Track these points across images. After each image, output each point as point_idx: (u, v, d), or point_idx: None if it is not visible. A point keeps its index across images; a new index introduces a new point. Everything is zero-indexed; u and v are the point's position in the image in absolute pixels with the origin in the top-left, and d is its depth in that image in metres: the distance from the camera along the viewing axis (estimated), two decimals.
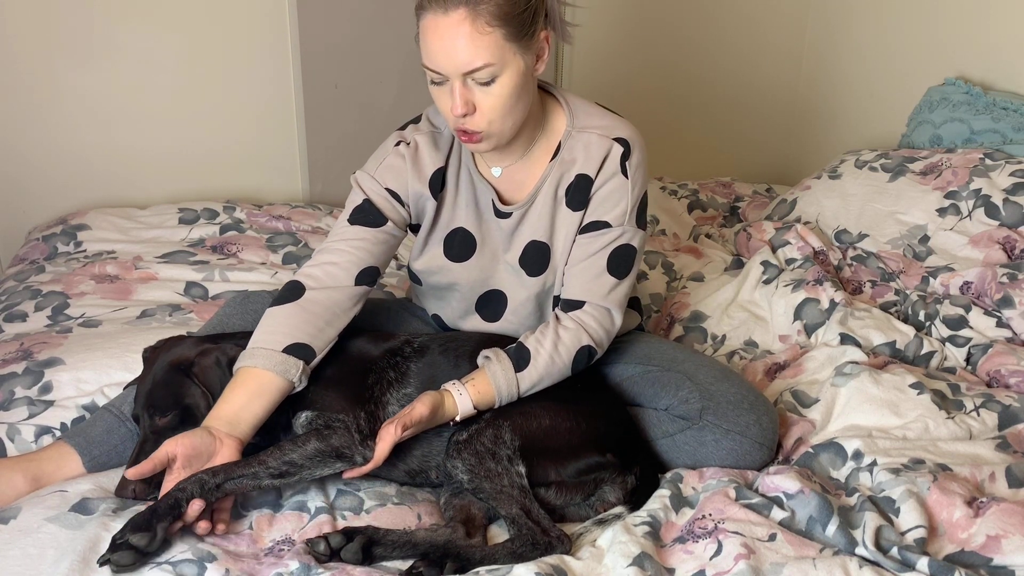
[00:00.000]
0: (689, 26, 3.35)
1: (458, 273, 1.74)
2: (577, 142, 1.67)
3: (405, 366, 1.66)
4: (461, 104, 1.51)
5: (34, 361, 1.84)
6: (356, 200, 1.69)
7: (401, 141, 1.70)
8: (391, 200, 1.68)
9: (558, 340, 1.62)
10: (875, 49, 3.09)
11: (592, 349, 1.65)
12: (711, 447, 1.61)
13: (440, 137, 1.71)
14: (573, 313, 1.66)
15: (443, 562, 1.39)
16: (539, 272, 1.72)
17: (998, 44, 2.62)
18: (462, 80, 1.50)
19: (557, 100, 1.71)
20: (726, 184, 3.02)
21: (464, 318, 1.80)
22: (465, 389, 1.55)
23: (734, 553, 1.35)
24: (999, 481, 1.51)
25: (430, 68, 1.52)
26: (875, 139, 3.02)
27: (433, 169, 1.69)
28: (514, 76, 1.52)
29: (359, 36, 2.84)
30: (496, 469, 1.48)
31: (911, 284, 2.20)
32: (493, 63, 1.49)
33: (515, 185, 1.71)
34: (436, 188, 1.70)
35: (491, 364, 1.58)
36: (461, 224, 1.72)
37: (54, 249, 2.45)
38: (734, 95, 3.47)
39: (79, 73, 2.59)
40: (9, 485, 1.54)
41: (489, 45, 1.47)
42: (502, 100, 1.52)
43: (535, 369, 1.59)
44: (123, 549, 1.31)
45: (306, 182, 2.91)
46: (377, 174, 1.69)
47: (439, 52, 1.49)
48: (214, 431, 1.46)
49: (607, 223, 1.67)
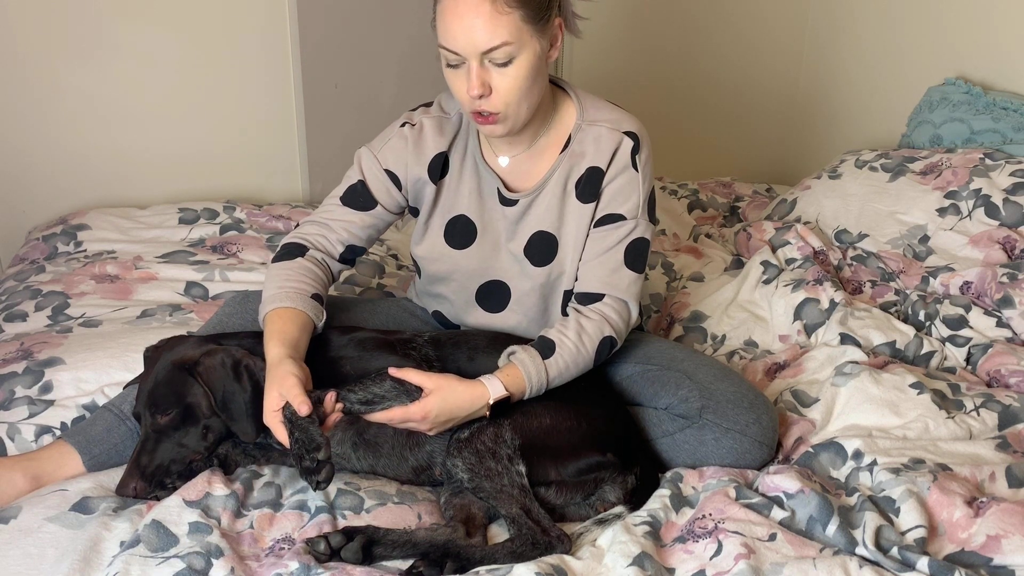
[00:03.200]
0: (689, 26, 3.36)
1: (457, 260, 1.75)
2: (587, 135, 1.69)
3: (424, 351, 1.66)
4: (478, 84, 1.52)
5: (34, 361, 1.84)
6: (352, 179, 1.74)
7: (407, 122, 1.72)
8: (387, 182, 1.72)
9: (581, 330, 1.63)
10: (875, 49, 3.09)
11: (614, 340, 1.67)
12: (711, 446, 1.61)
13: (447, 122, 1.72)
14: (593, 305, 1.68)
15: (443, 562, 1.39)
16: (544, 263, 1.73)
17: (998, 44, 2.62)
18: (479, 60, 1.51)
19: (566, 93, 1.72)
20: (726, 184, 3.02)
21: (466, 311, 1.80)
22: (496, 378, 1.56)
23: (734, 553, 1.35)
24: (999, 481, 1.51)
25: (448, 48, 1.53)
26: (875, 139, 3.02)
27: (434, 153, 1.70)
28: (530, 58, 1.53)
29: (359, 36, 2.84)
30: (496, 468, 1.48)
31: (911, 284, 2.20)
32: (511, 42, 1.50)
33: (522, 175, 1.72)
34: (436, 173, 1.71)
35: (518, 355, 1.59)
36: (463, 211, 1.73)
37: (54, 249, 2.45)
38: (734, 95, 3.47)
39: (80, 73, 2.59)
40: (9, 484, 1.54)
41: (508, 24, 1.49)
42: (518, 82, 1.54)
43: (561, 357, 1.60)
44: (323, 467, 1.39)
45: (306, 182, 2.91)
46: (380, 154, 1.72)
47: (458, 31, 1.50)
48: (294, 359, 1.51)
49: (622, 216, 1.68)
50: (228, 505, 1.48)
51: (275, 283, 1.64)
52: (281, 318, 1.58)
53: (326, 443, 1.40)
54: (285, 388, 1.44)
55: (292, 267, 1.67)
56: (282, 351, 1.51)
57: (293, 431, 1.42)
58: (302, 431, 1.41)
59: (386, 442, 1.60)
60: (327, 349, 1.64)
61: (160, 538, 1.39)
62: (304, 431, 1.41)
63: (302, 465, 1.40)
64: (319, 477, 1.39)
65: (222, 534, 1.42)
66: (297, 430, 1.41)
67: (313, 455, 1.39)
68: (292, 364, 1.48)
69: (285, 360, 1.49)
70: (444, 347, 1.68)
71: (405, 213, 1.79)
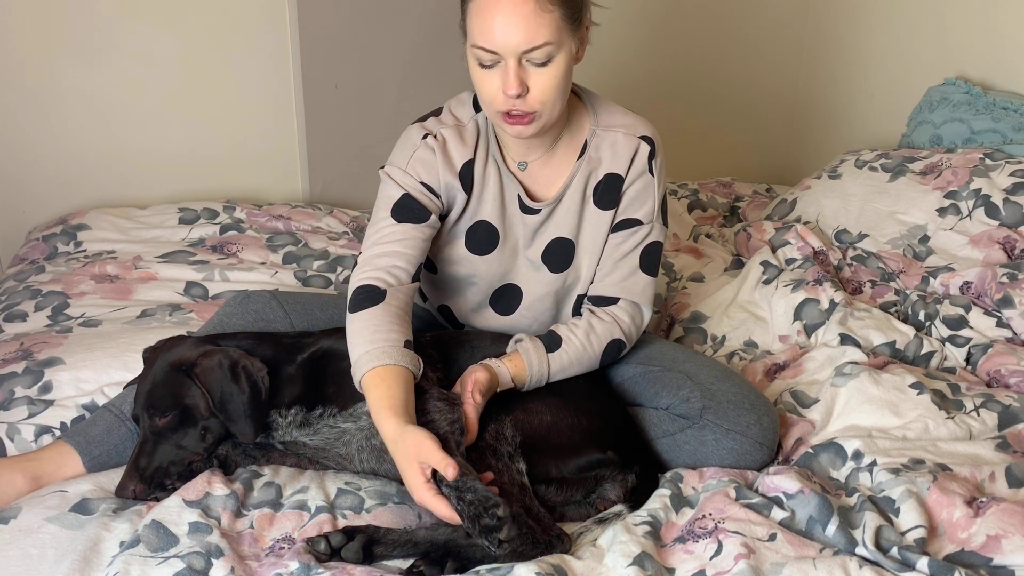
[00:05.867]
0: (689, 26, 3.35)
1: (478, 265, 1.74)
2: (603, 140, 1.69)
3: (427, 352, 1.64)
4: (516, 84, 1.50)
5: (34, 361, 1.84)
6: (394, 195, 1.64)
7: (428, 134, 1.66)
8: (427, 193, 1.65)
9: (591, 330, 1.65)
10: (875, 49, 3.09)
11: (622, 343, 1.69)
12: (711, 446, 1.61)
13: (464, 130, 1.68)
14: (607, 308, 1.69)
15: (444, 561, 1.39)
16: (561, 268, 1.73)
17: (998, 44, 2.63)
18: (517, 59, 1.50)
19: (579, 97, 1.72)
20: (726, 184, 3.03)
21: (477, 311, 1.80)
22: (502, 363, 1.57)
23: (734, 553, 1.35)
24: (999, 481, 1.51)
25: (485, 48, 1.50)
26: (875, 139, 3.03)
27: (462, 162, 1.67)
28: (567, 59, 1.53)
29: (359, 36, 2.84)
30: (496, 466, 1.48)
31: (911, 284, 2.20)
32: (553, 42, 1.49)
33: (540, 181, 1.71)
34: (467, 181, 1.68)
35: (523, 344, 1.60)
36: (485, 217, 1.72)
37: (54, 249, 2.45)
38: (734, 95, 3.47)
39: (79, 73, 2.59)
40: (9, 485, 1.54)
41: (550, 23, 1.48)
42: (555, 82, 1.52)
43: (566, 353, 1.61)
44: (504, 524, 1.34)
45: (306, 182, 2.91)
46: (409, 168, 1.64)
47: (499, 29, 1.47)
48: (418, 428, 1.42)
49: (639, 220, 1.69)
50: (228, 505, 1.48)
51: (364, 338, 1.52)
52: (384, 380, 1.47)
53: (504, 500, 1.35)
54: (424, 455, 1.36)
55: (377, 317, 1.54)
56: (397, 421, 1.42)
57: (462, 495, 1.35)
58: (472, 492, 1.35)
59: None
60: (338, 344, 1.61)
61: (160, 538, 1.39)
62: (474, 492, 1.35)
63: (480, 524, 1.34)
64: (501, 535, 1.34)
65: (222, 534, 1.42)
66: (468, 492, 1.35)
67: (493, 511, 1.34)
68: (417, 432, 1.40)
69: (408, 429, 1.41)
70: (447, 348, 1.68)
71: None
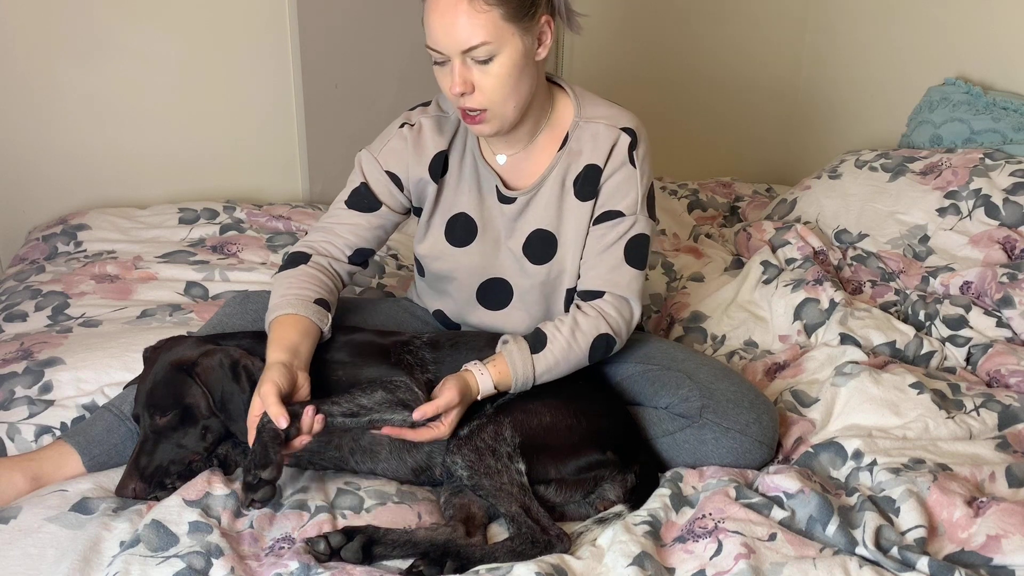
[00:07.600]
0: (689, 25, 3.35)
1: (458, 258, 1.75)
2: (584, 132, 1.69)
3: (420, 354, 1.66)
4: (459, 82, 1.53)
5: (34, 361, 1.84)
6: (354, 182, 1.74)
7: (406, 123, 1.73)
8: (389, 184, 1.72)
9: (576, 327, 1.63)
10: (875, 49, 3.09)
11: (611, 338, 1.66)
12: (711, 445, 1.61)
13: (446, 121, 1.73)
14: (593, 302, 1.68)
15: (443, 561, 1.39)
16: (543, 261, 1.73)
17: (998, 44, 2.62)
18: (461, 59, 1.53)
19: (564, 91, 1.72)
20: (726, 184, 3.02)
21: (468, 310, 1.80)
22: (486, 369, 1.57)
23: (734, 553, 1.35)
24: (999, 481, 1.51)
25: (432, 48, 1.54)
26: (875, 139, 3.02)
27: (434, 152, 1.71)
28: (513, 56, 1.54)
29: (359, 36, 2.84)
30: (496, 466, 1.48)
31: (911, 284, 2.20)
32: (490, 41, 1.51)
33: (520, 173, 1.72)
34: (437, 172, 1.72)
35: (508, 346, 1.60)
36: (463, 209, 1.73)
37: (54, 249, 2.45)
38: (734, 95, 3.47)
39: (79, 73, 2.59)
40: (9, 485, 1.54)
41: (486, 23, 1.50)
42: (500, 80, 1.54)
43: (551, 353, 1.60)
44: (262, 487, 1.40)
45: (306, 182, 2.91)
46: (380, 156, 1.72)
47: (439, 29, 1.52)
48: (286, 365, 1.49)
49: (621, 212, 1.68)
50: (228, 505, 1.48)
51: (279, 292, 1.64)
52: (282, 325, 1.57)
53: (276, 465, 1.40)
54: (262, 395, 1.44)
55: (295, 274, 1.67)
56: (276, 357, 1.51)
57: (259, 442, 1.42)
58: (260, 445, 1.41)
59: (383, 447, 1.60)
60: (322, 351, 1.63)
61: (160, 538, 1.39)
62: (262, 445, 1.41)
63: (245, 478, 1.41)
64: (255, 495, 1.40)
65: (222, 533, 1.42)
66: (257, 442, 1.41)
67: (257, 472, 1.39)
68: (278, 371, 1.47)
69: (273, 367, 1.48)
70: (442, 349, 1.68)
71: (410, 214, 1.79)
